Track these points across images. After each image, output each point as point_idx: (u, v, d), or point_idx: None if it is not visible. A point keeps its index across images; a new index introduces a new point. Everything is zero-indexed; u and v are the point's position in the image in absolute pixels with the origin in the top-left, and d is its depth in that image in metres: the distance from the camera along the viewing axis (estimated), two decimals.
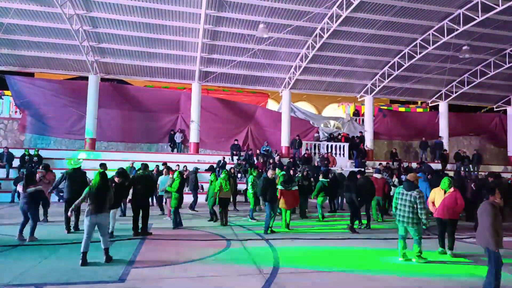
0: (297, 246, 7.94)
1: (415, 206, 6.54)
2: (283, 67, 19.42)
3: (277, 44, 17.38)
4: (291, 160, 17.77)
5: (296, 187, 9.75)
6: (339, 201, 13.38)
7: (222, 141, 20.21)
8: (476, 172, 19.42)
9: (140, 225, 8.62)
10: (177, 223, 9.51)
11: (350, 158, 20.19)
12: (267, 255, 7.05)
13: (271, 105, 27.27)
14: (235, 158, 18.39)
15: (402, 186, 6.93)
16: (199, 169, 14.48)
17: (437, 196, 7.63)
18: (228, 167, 15.75)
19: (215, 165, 17.03)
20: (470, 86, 20.85)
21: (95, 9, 15.07)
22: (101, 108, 18.84)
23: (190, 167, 14.68)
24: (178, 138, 19.87)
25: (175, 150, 19.85)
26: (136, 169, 12.76)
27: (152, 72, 19.17)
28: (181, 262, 6.48)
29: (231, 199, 12.24)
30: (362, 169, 15.29)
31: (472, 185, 11.39)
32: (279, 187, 9.50)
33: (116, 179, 8.07)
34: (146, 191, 8.87)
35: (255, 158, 17.62)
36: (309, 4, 14.59)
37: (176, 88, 22.27)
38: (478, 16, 14.12)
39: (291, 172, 13.91)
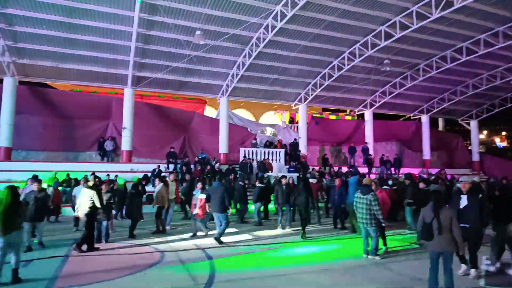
0: (234, 253, 7.92)
1: (371, 208, 7.15)
2: (220, 74, 19.44)
3: (214, 51, 17.36)
4: (229, 167, 17.75)
5: (204, 196, 9.60)
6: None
7: (158, 149, 19.45)
8: (397, 175, 21.29)
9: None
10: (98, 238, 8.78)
11: (286, 163, 20.81)
12: (203, 265, 6.91)
13: (209, 112, 27.08)
14: (171, 166, 17.85)
15: (359, 190, 7.48)
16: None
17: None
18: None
19: (149, 174, 16.34)
20: (390, 96, 22.90)
21: (10, 5, 13.63)
22: (19, 114, 17.01)
23: (123, 177, 13.89)
24: (108, 146, 18.69)
25: (105, 158, 18.64)
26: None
27: (79, 76, 17.85)
28: (110, 278, 6.05)
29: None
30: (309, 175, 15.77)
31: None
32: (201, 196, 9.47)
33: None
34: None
35: (192, 165, 17.28)
36: (245, 13, 14.85)
37: (107, 93, 21.01)
38: (396, 33, 15.62)
39: (231, 178, 14.00)
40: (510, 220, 6.30)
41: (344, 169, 20.12)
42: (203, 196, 9.34)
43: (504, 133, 40.95)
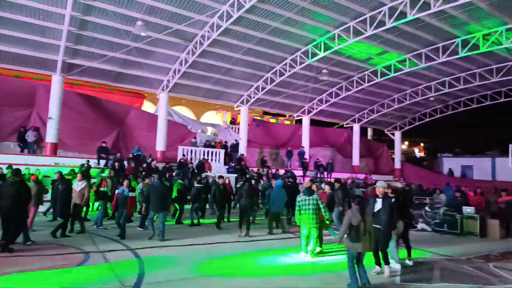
0: (166, 254, 7.71)
1: (317, 208, 7.64)
2: (161, 69, 18.82)
3: (156, 45, 16.75)
4: (166, 165, 17.23)
5: (134, 194, 9.42)
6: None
7: (88, 143, 18.09)
8: (329, 179, 22.53)
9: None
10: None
11: (226, 164, 20.82)
12: (132, 266, 6.63)
13: (148, 107, 26.03)
14: (102, 162, 16.80)
15: (303, 193, 7.84)
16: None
17: None
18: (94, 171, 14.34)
19: (76, 169, 15.18)
20: (327, 104, 24.19)
21: None
22: None
23: (44, 171, 12.72)
24: (30, 137, 16.95)
25: (26, 150, 16.91)
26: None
27: (1, 57, 15.98)
28: None
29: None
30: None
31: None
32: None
33: None
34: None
35: (126, 162, 16.44)
36: (190, 9, 14.56)
37: (32, 78, 19.08)
38: (335, 45, 16.57)
39: (167, 176, 13.60)
40: (401, 218, 7.26)
41: (282, 172, 20.72)
42: (133, 194, 8.94)
43: (422, 144, 45.62)
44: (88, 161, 15.85)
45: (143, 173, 14.71)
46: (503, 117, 33.31)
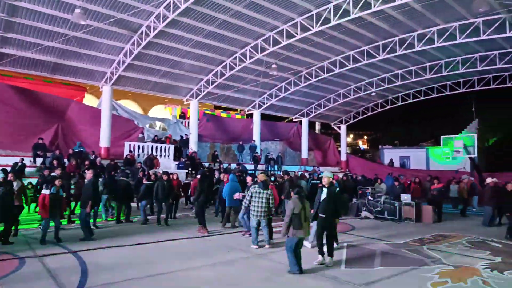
0: (111, 255, 7.36)
1: (268, 201, 7.90)
2: (104, 60, 17.78)
3: (98, 35, 15.77)
4: (112, 162, 16.40)
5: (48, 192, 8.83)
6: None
7: (21, 140, 16.57)
8: (279, 172, 23.02)
9: None
10: None
11: (175, 159, 20.34)
12: (73, 270, 6.23)
13: (90, 100, 24.53)
14: (39, 160, 15.55)
15: (258, 185, 8.01)
16: None
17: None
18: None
19: (9, 168, 13.89)
20: (276, 99, 24.59)
21: None
22: None
23: None
24: None
25: None
26: None
27: None
28: None
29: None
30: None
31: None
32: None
33: None
34: None
35: (66, 159, 15.37)
36: None
37: None
38: (283, 41, 16.83)
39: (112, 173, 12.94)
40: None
41: (233, 166, 20.72)
42: (46, 192, 8.24)
43: (365, 137, 48.36)
44: (23, 159, 14.60)
45: (85, 171, 13.85)
46: (436, 111, 36.45)
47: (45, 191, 8.14)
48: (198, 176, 10.58)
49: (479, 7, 11.46)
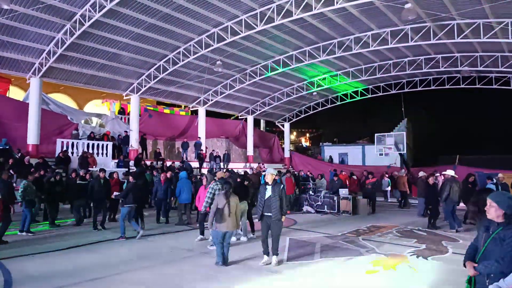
0: (39, 262, 6.76)
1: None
2: (32, 50, 16.20)
3: (25, 21, 14.31)
4: (40, 160, 15.05)
5: None
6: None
7: None
8: (224, 169, 22.98)
9: None
10: None
11: (114, 157, 19.29)
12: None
13: (16, 93, 22.26)
14: None
15: (218, 182, 7.97)
16: None
17: (201, 192, 8.80)
18: None
19: None
20: (222, 96, 24.45)
21: None
22: None
23: None
24: None
25: None
26: None
27: None
28: None
29: None
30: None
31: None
32: None
33: None
34: None
35: None
36: None
37: None
38: (227, 38, 16.76)
39: (42, 173, 11.89)
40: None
41: (177, 164, 20.20)
42: None
43: (308, 135, 50.26)
44: None
45: (10, 170, 12.56)
46: (372, 110, 39.12)
47: None
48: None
49: (408, 15, 12.47)
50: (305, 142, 48.88)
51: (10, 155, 14.80)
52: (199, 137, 24.51)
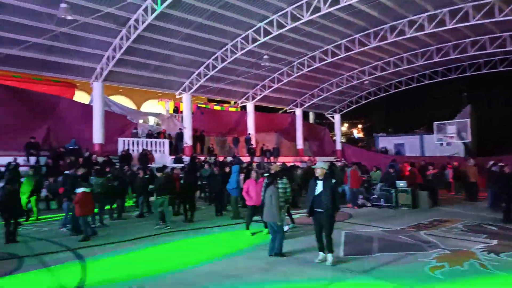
0: (111, 253, 7.31)
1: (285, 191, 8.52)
2: (93, 56, 17.48)
3: (86, 30, 15.47)
4: (106, 158, 16.29)
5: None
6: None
7: (12, 139, 16.27)
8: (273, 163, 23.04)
9: None
10: None
11: (171, 154, 20.23)
12: (73, 271, 6.17)
13: (82, 97, 24.19)
14: (33, 158, 15.37)
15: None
16: None
17: (250, 185, 8.81)
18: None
19: (2, 169, 13.75)
20: (270, 90, 24.46)
21: None
22: None
23: None
24: None
25: None
26: None
27: None
28: None
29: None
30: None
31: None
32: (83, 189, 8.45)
33: None
34: None
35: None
36: None
37: None
38: (274, 31, 16.67)
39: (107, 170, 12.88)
40: None
41: (229, 159, 20.66)
42: (82, 190, 8.27)
43: (360, 126, 48.48)
44: (16, 159, 14.41)
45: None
46: (430, 97, 36.60)
47: (80, 189, 8.23)
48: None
49: None
50: (357, 134, 47.24)
51: (79, 154, 16.17)
52: (249, 133, 24.80)
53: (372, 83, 26.91)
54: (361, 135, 46.83)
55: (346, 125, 45.74)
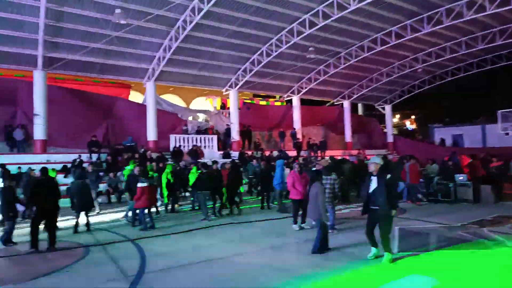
0: (166, 242, 7.73)
1: (333, 187, 8.24)
2: (146, 57, 18.41)
3: (138, 33, 16.33)
4: (159, 154, 17.14)
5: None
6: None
7: (77, 137, 17.78)
8: (323, 157, 22.66)
9: None
10: None
11: (219, 149, 20.75)
12: (133, 257, 6.64)
13: (136, 96, 25.63)
14: (95, 156, 16.64)
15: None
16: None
17: (296, 179, 8.72)
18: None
19: (69, 165, 15.05)
20: (315, 82, 24.05)
21: None
22: None
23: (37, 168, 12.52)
24: (18, 135, 16.63)
25: (15, 149, 16.62)
26: None
27: None
28: (26, 279, 5.50)
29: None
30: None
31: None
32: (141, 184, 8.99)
33: None
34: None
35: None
36: None
37: (13, 75, 18.56)
38: (319, 22, 16.32)
39: (161, 165, 13.49)
40: None
41: (275, 153, 20.72)
42: (143, 184, 8.89)
43: (413, 116, 45.91)
44: (80, 155, 15.68)
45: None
46: (491, 84, 33.63)
47: (141, 184, 8.89)
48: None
49: None
50: (410, 125, 44.82)
51: (135, 150, 17.19)
52: (294, 128, 24.62)
53: (426, 71, 25.34)
54: (414, 126, 44.36)
55: (397, 116, 43.64)
